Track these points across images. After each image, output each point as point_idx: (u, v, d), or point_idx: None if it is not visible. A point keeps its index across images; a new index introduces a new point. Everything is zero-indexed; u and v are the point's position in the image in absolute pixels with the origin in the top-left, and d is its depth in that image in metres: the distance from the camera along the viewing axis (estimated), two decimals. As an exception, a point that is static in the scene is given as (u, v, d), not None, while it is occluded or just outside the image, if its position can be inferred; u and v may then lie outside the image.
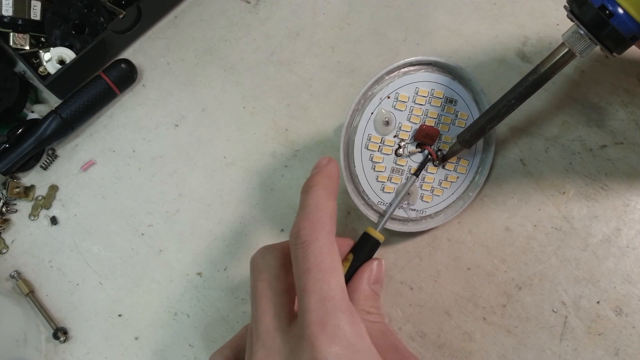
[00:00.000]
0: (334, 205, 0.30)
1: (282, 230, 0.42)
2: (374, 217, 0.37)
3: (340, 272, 0.27)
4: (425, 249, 0.39)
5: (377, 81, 0.37)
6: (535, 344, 0.36)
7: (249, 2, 0.47)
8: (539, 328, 0.37)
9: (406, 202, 0.38)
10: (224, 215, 0.43)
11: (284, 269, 0.30)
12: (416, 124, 0.37)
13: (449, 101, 0.37)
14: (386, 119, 0.37)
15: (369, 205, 0.38)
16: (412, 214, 0.38)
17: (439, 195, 0.38)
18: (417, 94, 0.37)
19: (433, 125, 0.37)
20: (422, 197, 0.38)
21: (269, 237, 0.42)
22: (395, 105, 0.37)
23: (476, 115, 0.38)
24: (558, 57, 0.31)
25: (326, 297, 0.26)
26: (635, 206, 0.38)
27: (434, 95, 0.37)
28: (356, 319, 0.26)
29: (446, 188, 0.38)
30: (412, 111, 0.37)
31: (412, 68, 0.37)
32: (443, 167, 0.38)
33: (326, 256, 0.27)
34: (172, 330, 0.41)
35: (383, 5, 0.45)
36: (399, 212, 0.38)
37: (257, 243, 0.42)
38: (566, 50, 0.31)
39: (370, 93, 0.37)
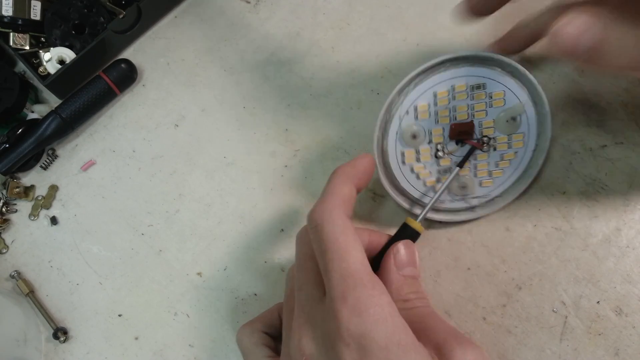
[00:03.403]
0: (349, 189, 0.31)
1: (282, 230, 0.42)
2: (438, 216, 0.38)
3: (357, 248, 0.28)
4: (425, 248, 0.39)
5: (390, 105, 0.36)
6: (535, 344, 0.36)
7: (249, 2, 0.47)
8: (539, 328, 0.36)
9: (465, 194, 0.37)
10: (224, 215, 0.43)
11: None
12: (447, 123, 0.37)
13: (476, 87, 0.36)
14: (412, 134, 0.36)
15: (431, 208, 0.37)
16: (475, 202, 0.38)
17: (499, 177, 0.37)
18: (436, 97, 0.36)
19: (466, 118, 0.36)
20: (480, 184, 0.37)
21: (269, 237, 0.42)
22: (418, 117, 0.37)
23: (512, 87, 0.36)
24: None
25: (345, 274, 0.27)
26: (635, 206, 0.37)
27: (456, 90, 0.36)
28: (378, 290, 0.27)
29: (506, 167, 0.37)
30: (437, 114, 0.37)
31: (422, 77, 0.36)
32: (494, 149, 0.37)
33: (339, 235, 0.28)
34: (172, 330, 0.41)
35: (383, 5, 0.45)
36: (460, 204, 0.38)
37: (257, 243, 0.42)
38: None
39: (388, 116, 0.37)
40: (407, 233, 0.34)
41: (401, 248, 0.33)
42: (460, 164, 0.36)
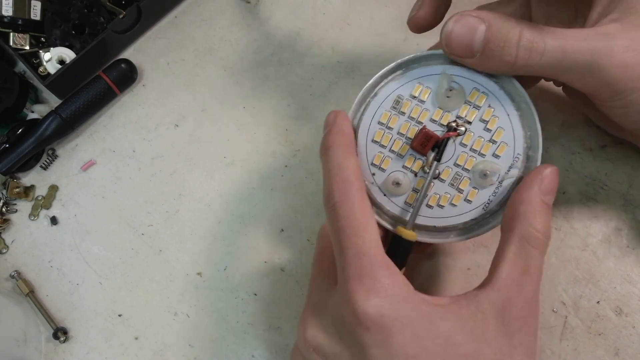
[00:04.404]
0: (355, 160, 0.30)
1: (282, 230, 0.42)
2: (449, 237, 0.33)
3: (373, 226, 0.28)
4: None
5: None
6: (535, 344, 0.36)
7: (249, 2, 0.47)
8: (539, 328, 0.36)
9: (490, 179, 0.31)
10: (224, 215, 0.43)
11: None
12: (409, 150, 0.32)
13: (395, 104, 0.33)
14: (393, 182, 0.32)
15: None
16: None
17: (503, 134, 0.31)
18: (378, 142, 0.33)
19: (416, 130, 0.32)
20: (495, 155, 0.31)
21: (269, 237, 0.42)
22: (383, 169, 0.33)
23: (419, 74, 0.32)
24: None
25: (361, 252, 0.27)
26: (635, 206, 0.38)
27: (383, 121, 0.33)
28: (392, 270, 0.27)
29: (499, 125, 0.31)
30: (394, 152, 0.33)
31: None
32: (469, 123, 0.31)
33: (357, 213, 0.28)
34: (172, 330, 0.41)
35: (383, 5, 0.45)
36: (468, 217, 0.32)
37: (257, 243, 0.42)
38: None
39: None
40: (401, 245, 0.31)
41: (549, 173, 0.29)
42: (438, 158, 0.32)
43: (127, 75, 0.45)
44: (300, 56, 0.45)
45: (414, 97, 0.32)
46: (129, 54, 0.47)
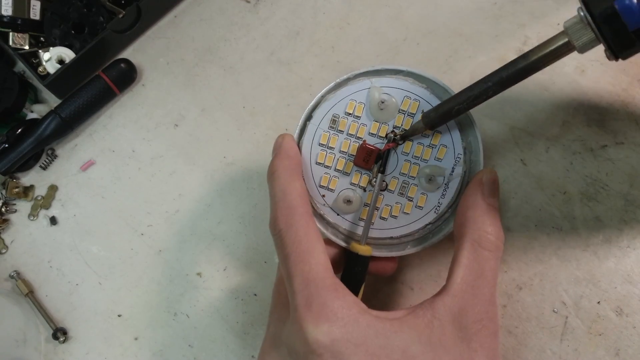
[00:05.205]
0: (300, 184, 0.30)
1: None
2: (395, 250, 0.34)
3: (319, 250, 0.27)
4: (425, 248, 0.39)
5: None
6: (536, 344, 0.36)
7: (248, 2, 0.47)
8: (540, 328, 0.36)
9: (437, 182, 0.32)
10: (224, 215, 0.43)
11: None
12: (353, 167, 0.33)
13: (332, 123, 0.33)
14: (344, 200, 0.33)
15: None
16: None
17: (444, 139, 0.33)
18: (321, 163, 0.33)
19: (356, 147, 0.33)
20: (436, 158, 0.33)
21: (269, 237, 0.42)
22: (331, 188, 0.33)
23: (349, 92, 0.33)
24: (554, 46, 0.27)
25: (308, 278, 0.26)
26: (636, 206, 0.37)
27: (323, 143, 0.33)
28: (341, 292, 0.26)
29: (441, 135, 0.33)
30: (340, 171, 0.33)
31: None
32: (404, 130, 0.32)
33: (303, 238, 0.27)
34: (172, 330, 0.41)
35: (383, 5, 0.45)
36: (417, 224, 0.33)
37: (257, 243, 0.42)
38: (564, 40, 0.26)
39: (318, 211, 0.34)
40: (358, 262, 0.32)
41: (487, 176, 0.30)
42: (382, 170, 0.32)
43: (127, 75, 0.45)
44: (300, 56, 0.45)
45: (349, 114, 0.33)
46: (128, 53, 0.47)
